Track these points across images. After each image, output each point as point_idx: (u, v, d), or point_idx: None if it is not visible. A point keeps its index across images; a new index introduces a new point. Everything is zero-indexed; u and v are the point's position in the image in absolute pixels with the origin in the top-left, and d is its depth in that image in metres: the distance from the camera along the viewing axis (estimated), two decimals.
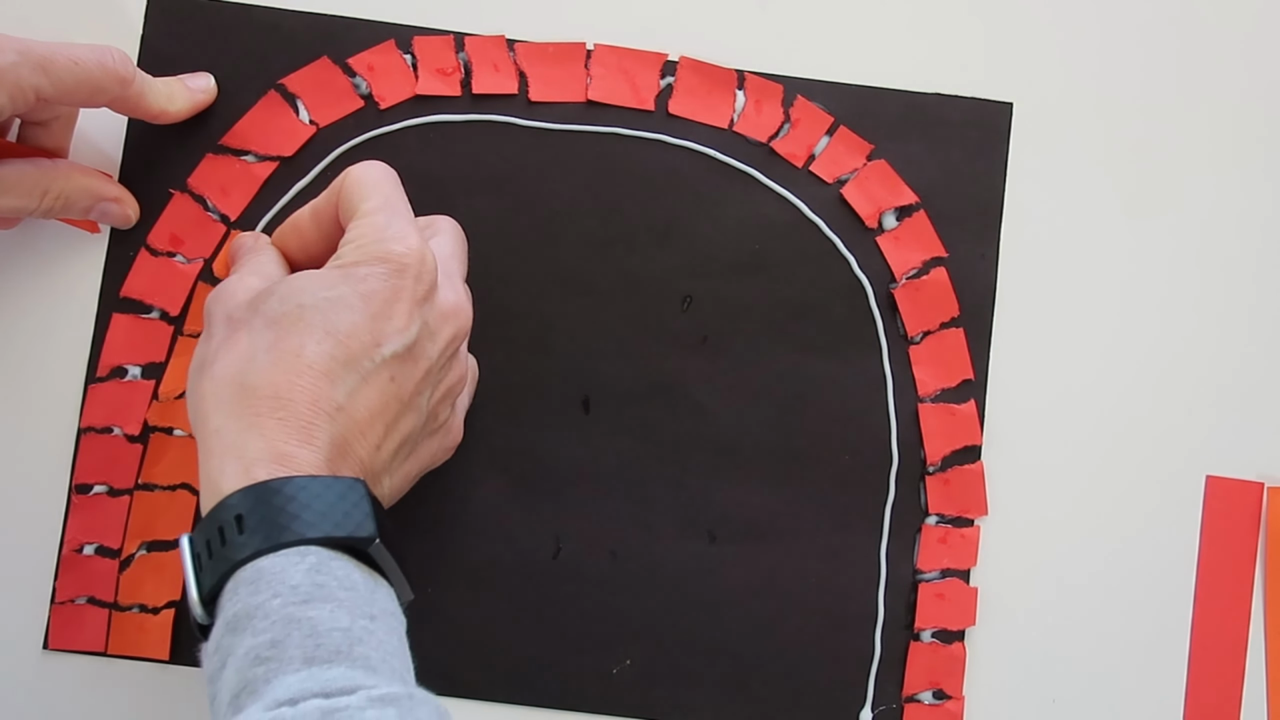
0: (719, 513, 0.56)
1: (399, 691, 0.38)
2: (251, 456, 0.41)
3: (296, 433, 0.42)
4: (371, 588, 0.41)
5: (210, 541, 0.41)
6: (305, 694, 0.37)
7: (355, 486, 0.42)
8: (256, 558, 0.40)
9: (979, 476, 0.56)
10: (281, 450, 0.42)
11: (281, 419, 0.42)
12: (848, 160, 0.57)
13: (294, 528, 0.40)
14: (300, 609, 0.39)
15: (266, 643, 0.38)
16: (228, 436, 0.42)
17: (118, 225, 0.55)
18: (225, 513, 0.41)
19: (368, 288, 0.44)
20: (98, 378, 0.55)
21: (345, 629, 0.39)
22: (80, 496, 0.54)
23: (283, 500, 0.41)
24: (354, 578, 0.41)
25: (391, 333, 0.44)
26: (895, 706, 0.55)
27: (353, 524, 0.41)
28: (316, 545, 0.41)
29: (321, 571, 0.40)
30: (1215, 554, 0.57)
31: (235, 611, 0.40)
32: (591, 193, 0.57)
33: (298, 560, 0.40)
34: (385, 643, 0.40)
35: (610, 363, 0.56)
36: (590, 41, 0.57)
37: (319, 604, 0.39)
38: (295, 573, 0.40)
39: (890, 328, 0.57)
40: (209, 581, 0.41)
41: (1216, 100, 0.59)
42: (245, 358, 0.43)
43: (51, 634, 0.54)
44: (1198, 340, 0.58)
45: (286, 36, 0.57)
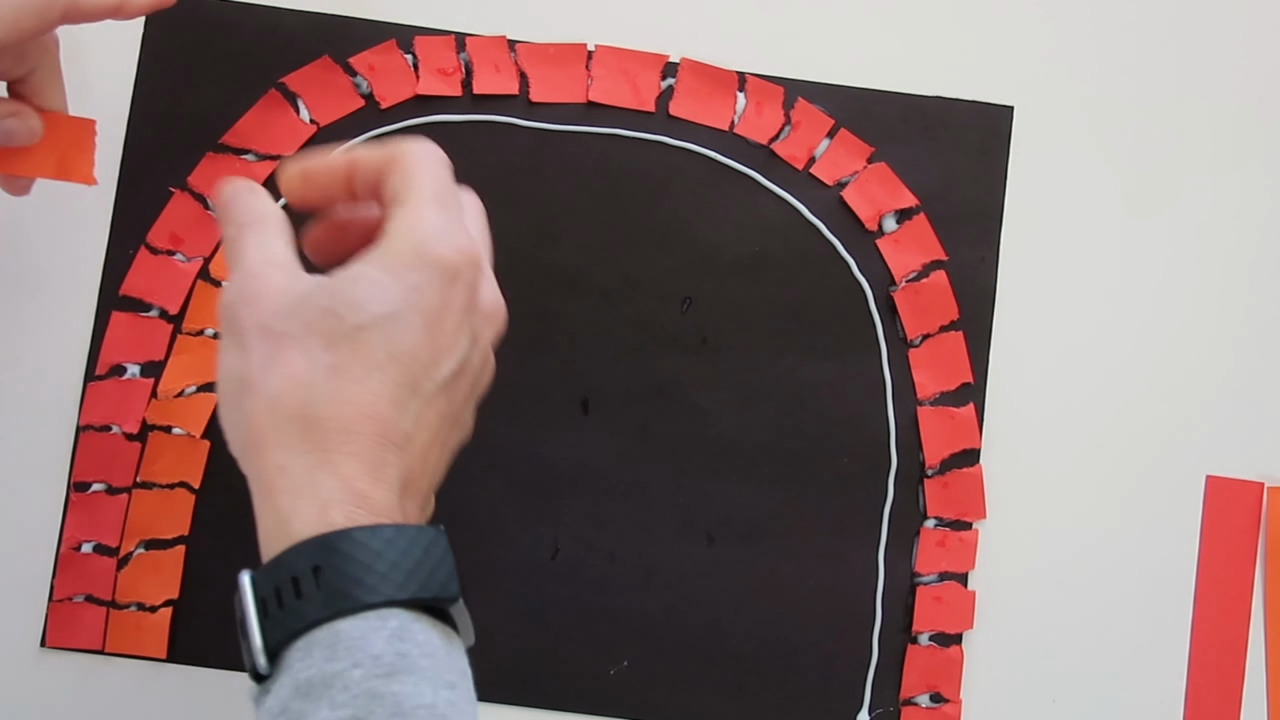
0: (717, 514, 0.56)
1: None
2: (326, 497, 0.38)
3: (369, 470, 0.39)
4: (448, 650, 0.39)
5: (281, 590, 0.37)
6: None
7: (439, 539, 0.40)
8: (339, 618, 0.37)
9: (978, 480, 0.56)
10: (357, 489, 0.38)
11: (351, 453, 0.39)
12: (848, 163, 0.57)
13: (381, 588, 0.37)
14: (383, 683, 0.36)
15: (347, 718, 0.35)
16: (296, 474, 0.38)
17: (25, 140, 0.50)
18: (300, 562, 0.37)
19: (424, 301, 0.40)
20: (97, 376, 0.55)
21: (429, 705, 0.36)
22: (78, 494, 0.54)
23: (368, 556, 0.37)
24: (434, 643, 0.38)
25: (446, 349, 0.41)
26: (893, 709, 0.55)
27: (438, 584, 0.39)
28: (398, 610, 0.37)
29: (404, 639, 0.37)
30: (1215, 554, 0.57)
31: (309, 677, 0.36)
32: (591, 193, 0.57)
33: (379, 625, 0.37)
34: (465, 713, 0.38)
35: (609, 364, 0.56)
36: (591, 42, 0.57)
37: (402, 677, 0.36)
38: (377, 640, 0.37)
39: (890, 330, 0.57)
40: (276, 636, 0.37)
41: (1215, 104, 0.59)
42: (303, 383, 0.39)
43: (49, 632, 0.54)
44: (1197, 342, 0.58)
45: (287, 36, 0.57)
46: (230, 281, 0.42)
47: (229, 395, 0.41)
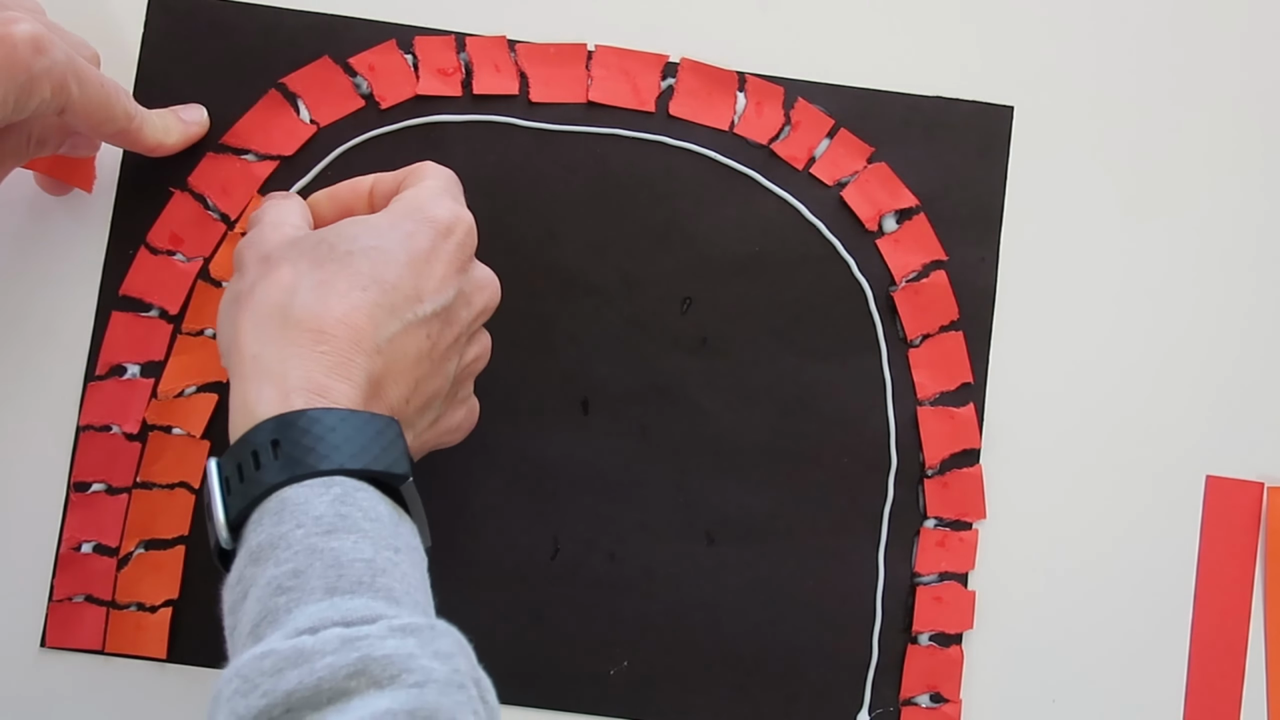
0: (717, 514, 0.56)
1: (420, 622, 0.38)
2: (290, 384, 0.42)
3: (336, 367, 0.42)
4: (396, 521, 0.42)
5: (242, 466, 0.41)
6: (326, 622, 0.37)
7: (391, 424, 0.43)
8: (285, 486, 0.40)
9: (978, 480, 0.56)
10: (320, 382, 0.42)
11: (323, 352, 0.42)
12: (848, 163, 0.57)
13: (331, 457, 0.40)
14: (323, 539, 0.39)
15: (289, 572, 0.38)
16: (265, 363, 0.42)
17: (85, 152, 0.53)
18: (259, 436, 0.41)
19: (414, 244, 0.45)
20: (97, 376, 0.55)
21: (368, 560, 0.39)
22: (79, 494, 0.54)
23: (321, 430, 0.41)
24: (379, 510, 0.41)
25: (432, 290, 0.45)
26: (893, 709, 0.55)
27: (388, 460, 0.42)
28: (344, 477, 0.41)
29: (346, 502, 0.40)
30: (1215, 554, 0.57)
31: (259, 541, 0.40)
32: (591, 193, 0.57)
33: (322, 491, 0.40)
34: (408, 575, 0.40)
35: (610, 364, 0.56)
36: (591, 42, 0.57)
37: (342, 535, 0.39)
38: (319, 503, 0.40)
39: (890, 330, 0.57)
40: (237, 506, 0.41)
41: (1215, 104, 0.59)
42: (288, 289, 0.44)
43: (49, 632, 0.54)
44: (1197, 341, 0.58)
45: (287, 36, 0.57)
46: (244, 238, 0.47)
47: (224, 315, 0.46)
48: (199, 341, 0.55)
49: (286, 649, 0.36)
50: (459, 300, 0.47)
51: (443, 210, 0.47)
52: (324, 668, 0.36)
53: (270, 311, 0.43)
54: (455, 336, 0.47)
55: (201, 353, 0.55)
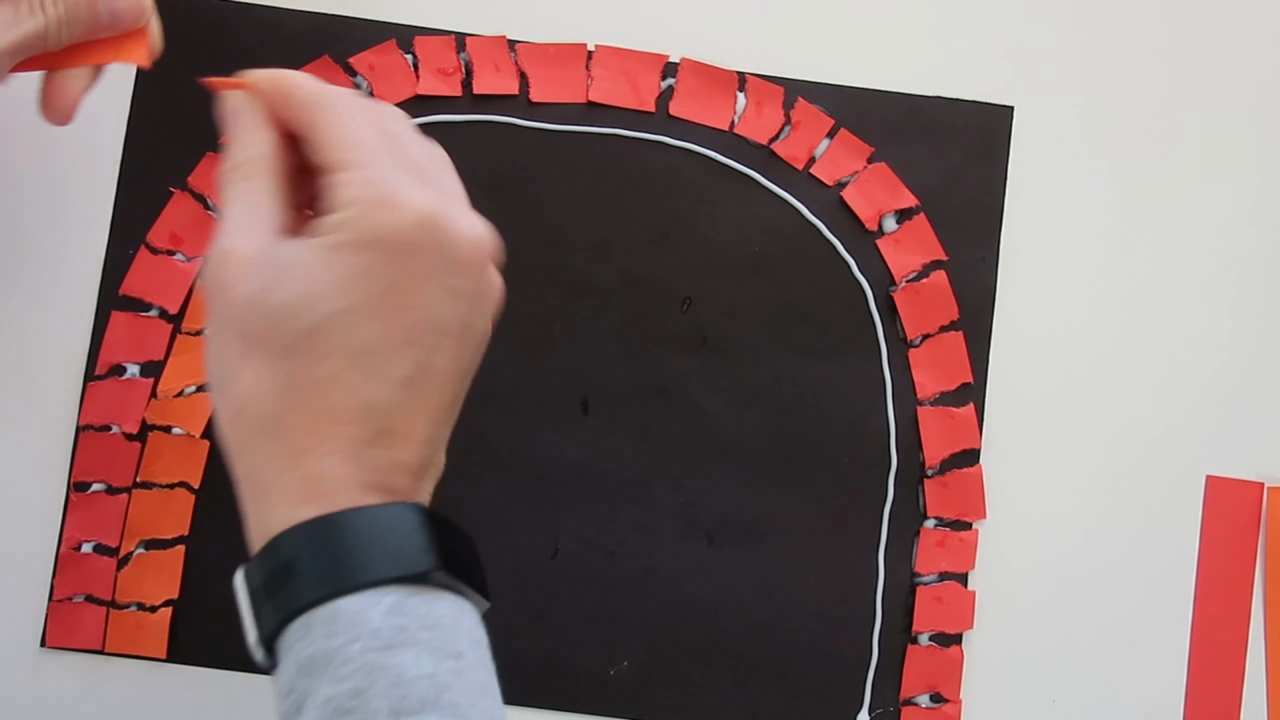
0: (717, 514, 0.56)
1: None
2: (294, 496, 0.38)
3: (341, 463, 0.38)
4: (455, 618, 0.38)
5: (269, 581, 0.38)
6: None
7: (405, 515, 0.39)
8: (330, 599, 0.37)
9: (978, 480, 0.56)
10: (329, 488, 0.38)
11: (325, 453, 0.38)
12: (848, 163, 0.57)
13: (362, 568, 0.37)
14: (382, 656, 0.36)
15: (349, 692, 0.36)
16: (266, 475, 0.39)
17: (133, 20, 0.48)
18: (279, 553, 0.38)
19: (379, 285, 0.38)
20: (96, 375, 0.55)
21: (430, 675, 0.36)
22: (78, 494, 0.54)
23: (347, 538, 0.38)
24: (435, 614, 0.38)
25: (416, 325, 0.39)
26: (893, 709, 0.55)
27: (407, 560, 0.38)
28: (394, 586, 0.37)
29: (401, 613, 0.37)
30: (1215, 554, 0.57)
31: (310, 654, 0.37)
32: (591, 193, 0.57)
33: (375, 600, 0.37)
34: (473, 681, 0.38)
35: (609, 363, 0.56)
36: (591, 42, 0.57)
37: (401, 650, 0.36)
38: (374, 615, 0.37)
39: (890, 331, 0.57)
40: (271, 623, 0.38)
41: (1215, 104, 0.59)
42: (262, 395, 0.39)
43: (49, 632, 0.54)
44: (1197, 342, 0.58)
45: (288, 36, 0.57)
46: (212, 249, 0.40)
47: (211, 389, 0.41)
48: (199, 341, 0.55)
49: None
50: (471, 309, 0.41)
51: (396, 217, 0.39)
52: None
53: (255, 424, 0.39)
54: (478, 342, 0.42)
55: (201, 352, 0.55)
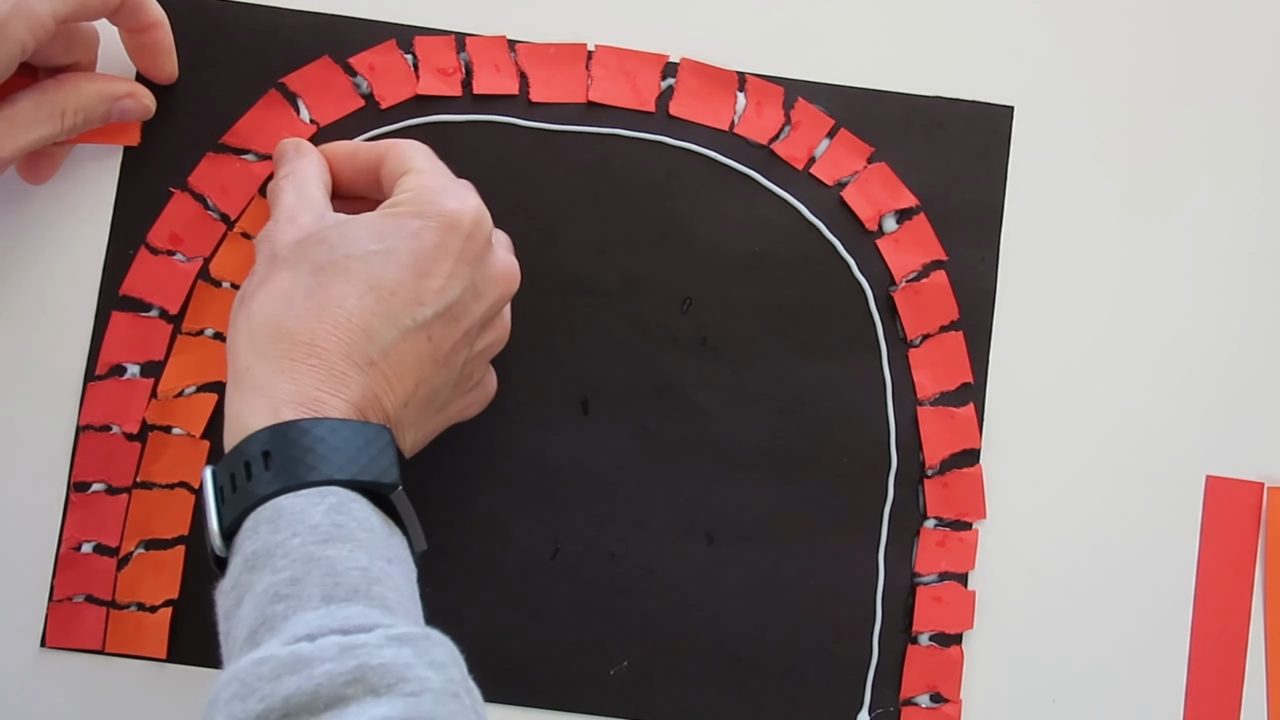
0: (717, 515, 0.56)
1: (415, 631, 0.38)
2: (280, 398, 0.42)
3: (327, 381, 0.43)
4: (388, 533, 0.42)
5: (235, 475, 0.42)
6: (323, 630, 0.37)
7: (381, 433, 0.43)
8: (278, 496, 0.41)
9: (978, 480, 0.56)
10: (311, 395, 0.42)
11: (314, 366, 0.43)
12: (848, 163, 0.57)
13: (320, 468, 0.41)
14: (320, 548, 0.39)
15: (286, 580, 0.39)
16: (258, 375, 0.43)
17: (139, 118, 0.54)
18: (251, 448, 0.41)
19: (417, 243, 0.45)
20: (96, 375, 0.55)
21: (363, 569, 0.39)
22: (79, 494, 0.54)
23: (310, 440, 0.41)
24: (372, 520, 0.41)
25: (434, 291, 0.45)
26: (893, 710, 0.55)
27: (377, 470, 0.42)
28: (337, 487, 0.41)
29: (341, 512, 0.40)
30: (1215, 554, 0.57)
31: (254, 549, 0.40)
32: (592, 194, 0.57)
33: (318, 500, 0.40)
34: (401, 586, 0.41)
35: (609, 364, 0.56)
36: (591, 42, 0.57)
37: (338, 544, 0.39)
38: (315, 512, 0.40)
39: (890, 330, 0.57)
40: (230, 516, 0.42)
41: (1215, 104, 0.59)
42: (284, 299, 0.44)
43: (49, 632, 0.54)
44: (1197, 341, 0.58)
45: (288, 36, 0.57)
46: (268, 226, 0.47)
47: (231, 312, 0.46)
48: (199, 341, 0.55)
49: (285, 655, 0.36)
50: (467, 295, 0.46)
51: (451, 202, 0.46)
52: (322, 674, 0.36)
53: (264, 322, 0.44)
54: (463, 332, 0.47)
55: (201, 352, 0.55)
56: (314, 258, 0.45)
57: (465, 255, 0.46)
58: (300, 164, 0.50)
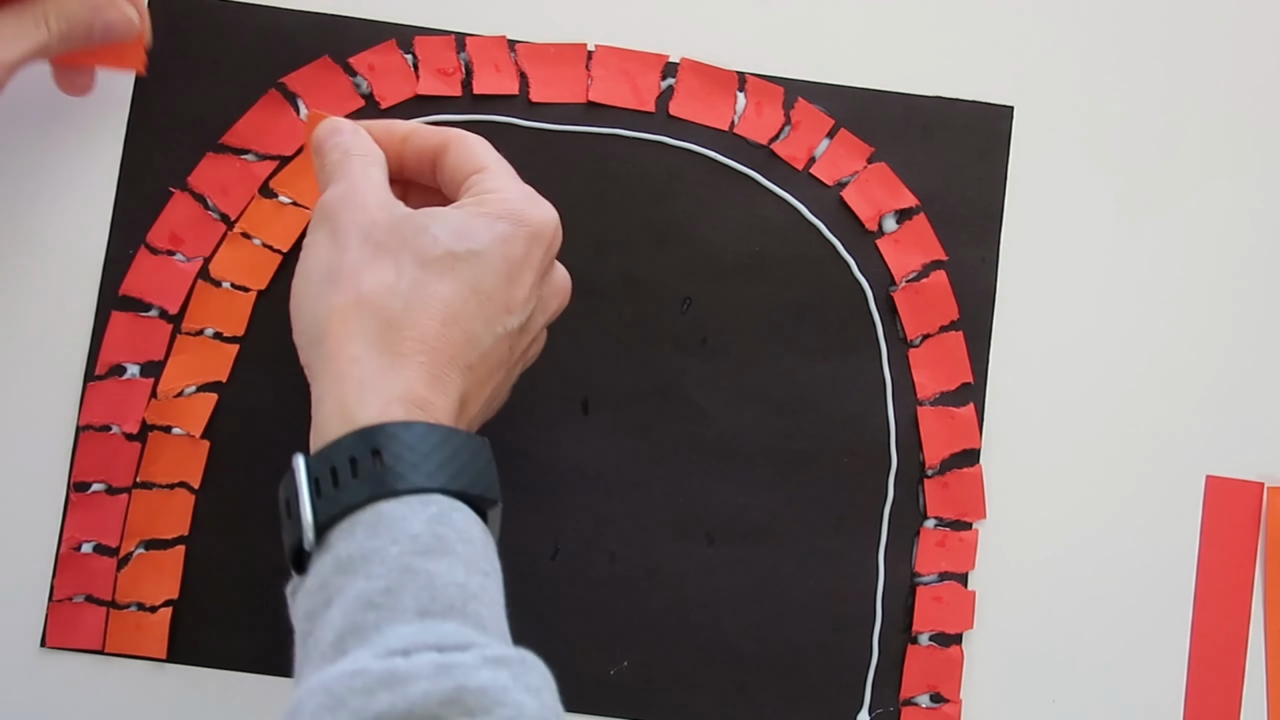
0: (717, 515, 0.56)
1: (512, 654, 0.37)
2: (391, 394, 0.41)
3: (434, 381, 0.42)
4: (486, 543, 0.41)
5: (337, 470, 0.40)
6: (419, 646, 0.36)
7: (485, 446, 0.43)
8: (383, 499, 0.39)
9: (978, 480, 0.56)
10: (421, 395, 0.41)
11: (423, 364, 0.42)
12: (848, 163, 0.57)
13: (434, 475, 0.40)
14: (419, 560, 0.38)
15: (380, 589, 0.37)
16: (367, 366, 0.41)
17: (125, 33, 0.52)
18: (358, 445, 0.40)
19: (510, 250, 0.44)
20: (96, 375, 0.55)
21: (461, 584, 0.38)
22: (78, 494, 0.54)
23: (425, 446, 0.40)
24: (473, 532, 0.40)
25: (521, 301, 0.45)
26: (893, 709, 0.55)
27: (484, 484, 0.42)
28: (439, 495, 0.40)
29: (442, 522, 0.39)
30: (1215, 554, 0.57)
31: (350, 553, 0.39)
32: (592, 194, 0.57)
33: (420, 509, 0.39)
34: (495, 601, 0.40)
35: (609, 364, 0.56)
36: (591, 42, 0.57)
37: (438, 556, 0.38)
38: (416, 521, 0.39)
39: (890, 330, 0.57)
40: (328, 511, 0.40)
41: (1215, 104, 0.59)
42: (390, 290, 0.42)
43: (49, 632, 0.54)
44: (1197, 341, 0.58)
45: (287, 36, 0.57)
46: (334, 189, 0.45)
47: (312, 282, 0.44)
48: (199, 341, 0.55)
49: (379, 670, 0.35)
50: (537, 309, 0.46)
51: (537, 213, 0.45)
52: (418, 694, 0.35)
53: (375, 313, 0.42)
54: (529, 342, 0.47)
55: (201, 352, 0.55)
56: (417, 249, 0.43)
57: (543, 268, 0.46)
58: (359, 141, 0.47)
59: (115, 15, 0.51)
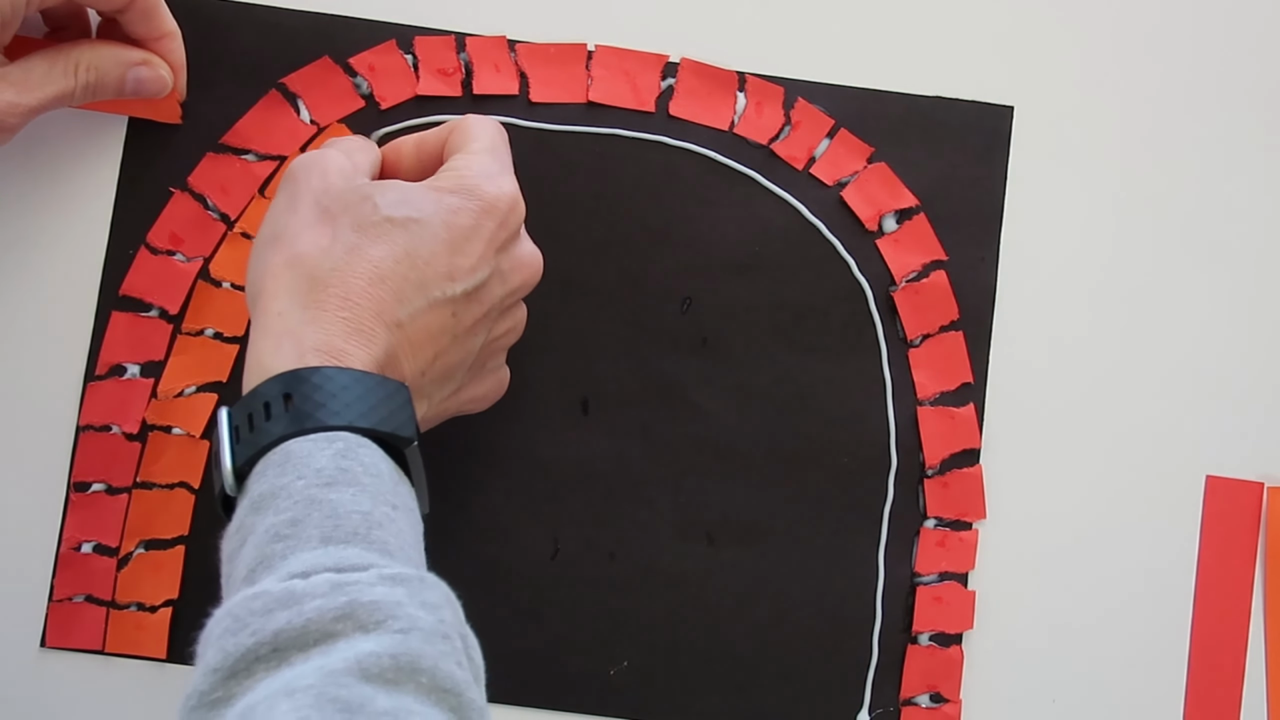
0: (717, 515, 0.56)
1: (410, 573, 0.38)
2: (308, 344, 0.42)
3: (355, 335, 0.43)
4: (396, 480, 0.42)
5: (253, 416, 0.42)
6: (318, 568, 0.38)
7: (401, 390, 0.43)
8: (288, 439, 0.41)
9: (978, 480, 0.56)
10: (338, 346, 0.43)
11: (344, 318, 0.43)
12: (848, 163, 0.57)
13: (341, 414, 0.41)
14: (323, 491, 0.40)
15: (286, 521, 0.39)
16: (289, 320, 0.43)
17: (155, 92, 0.54)
18: (271, 389, 0.42)
19: (455, 220, 0.46)
20: (96, 376, 0.55)
21: (365, 513, 0.40)
22: (78, 494, 0.54)
23: (333, 387, 0.41)
24: (380, 467, 0.42)
25: (465, 270, 0.46)
26: (893, 709, 0.55)
27: (395, 422, 0.43)
28: (347, 433, 0.41)
29: (348, 457, 0.41)
30: (1215, 554, 0.57)
31: (261, 491, 0.40)
32: (592, 194, 0.57)
33: (325, 445, 0.41)
34: (403, 532, 0.41)
35: (609, 364, 0.56)
36: (591, 42, 0.57)
37: (342, 487, 0.40)
38: (321, 456, 0.40)
39: (890, 330, 0.57)
40: (244, 455, 0.42)
41: (1215, 104, 0.59)
42: (324, 250, 0.44)
43: (49, 632, 0.54)
44: (1197, 341, 0.58)
45: (288, 36, 0.57)
46: (303, 156, 0.48)
47: (262, 243, 0.46)
48: (199, 341, 0.55)
49: (278, 591, 0.37)
50: (494, 279, 0.47)
51: (491, 187, 0.47)
52: (312, 610, 0.36)
53: (303, 271, 0.44)
54: (484, 313, 0.48)
55: (201, 352, 0.55)
56: (357, 214, 0.45)
57: (496, 240, 0.47)
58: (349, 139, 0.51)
59: (148, 74, 0.53)
